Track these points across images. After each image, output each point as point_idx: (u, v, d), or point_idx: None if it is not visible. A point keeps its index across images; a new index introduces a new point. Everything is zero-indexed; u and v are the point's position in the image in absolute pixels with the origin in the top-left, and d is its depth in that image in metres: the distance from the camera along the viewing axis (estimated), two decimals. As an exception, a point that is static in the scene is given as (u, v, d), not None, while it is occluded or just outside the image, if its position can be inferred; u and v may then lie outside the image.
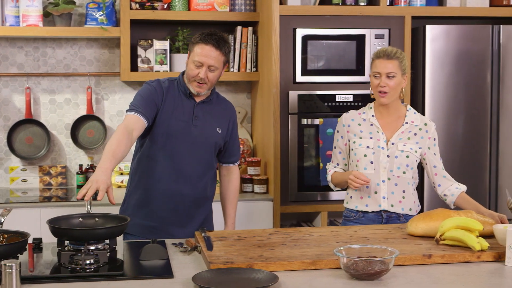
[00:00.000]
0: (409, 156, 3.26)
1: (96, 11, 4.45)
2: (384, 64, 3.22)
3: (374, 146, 3.27)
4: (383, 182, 3.27)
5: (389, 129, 3.31)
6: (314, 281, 2.38)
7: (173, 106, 3.24)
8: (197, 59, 3.17)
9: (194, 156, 3.25)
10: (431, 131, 3.33)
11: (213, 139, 3.30)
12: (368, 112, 3.36)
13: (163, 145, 3.23)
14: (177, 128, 3.22)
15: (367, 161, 3.27)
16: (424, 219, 2.90)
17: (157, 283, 2.35)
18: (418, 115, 3.36)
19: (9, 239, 2.56)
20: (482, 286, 2.34)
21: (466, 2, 4.45)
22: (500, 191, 4.47)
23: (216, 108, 3.34)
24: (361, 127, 3.33)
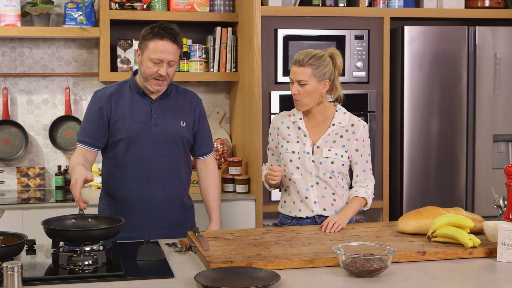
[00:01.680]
0: (334, 162, 3.19)
1: (75, 11, 4.42)
2: (296, 71, 3.13)
3: (300, 151, 3.21)
4: (312, 187, 3.22)
5: (315, 132, 3.24)
6: (314, 278, 2.41)
7: (128, 109, 3.18)
8: (155, 56, 3.08)
9: (160, 156, 3.18)
10: (359, 132, 3.23)
11: (178, 134, 3.22)
12: (297, 114, 3.28)
13: (126, 151, 3.17)
14: (137, 131, 3.16)
15: (294, 167, 3.23)
16: (414, 217, 2.95)
17: (159, 283, 2.35)
18: (347, 115, 3.26)
19: (5, 241, 2.54)
20: (478, 282, 2.40)
21: (443, 3, 4.53)
22: (477, 190, 4.56)
23: (177, 101, 3.26)
24: (289, 130, 3.27)
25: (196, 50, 4.58)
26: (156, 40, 3.09)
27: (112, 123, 3.17)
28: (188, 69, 4.60)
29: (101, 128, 3.18)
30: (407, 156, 4.46)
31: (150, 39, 3.10)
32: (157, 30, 3.11)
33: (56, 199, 4.33)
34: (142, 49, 3.15)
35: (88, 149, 3.20)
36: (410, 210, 4.42)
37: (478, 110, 4.53)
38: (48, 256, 2.71)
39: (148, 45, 3.11)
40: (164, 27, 3.13)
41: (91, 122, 3.19)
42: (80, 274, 2.43)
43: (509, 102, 4.58)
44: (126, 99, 3.20)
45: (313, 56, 3.12)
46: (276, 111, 4.24)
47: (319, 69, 3.12)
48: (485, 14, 4.60)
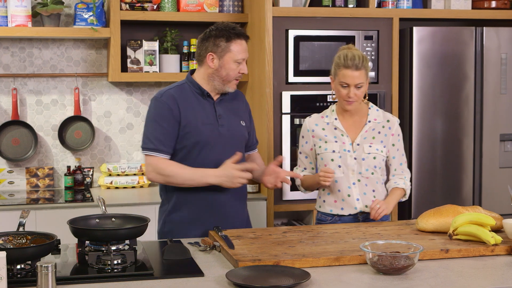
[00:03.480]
0: (376, 157, 3.27)
1: (85, 11, 4.43)
2: (353, 75, 3.17)
3: (340, 150, 3.27)
4: (354, 185, 3.27)
5: (352, 130, 3.30)
6: (343, 276, 2.44)
7: (193, 110, 3.14)
8: (241, 56, 3.11)
9: (229, 157, 3.16)
10: (394, 128, 3.34)
11: (241, 133, 3.25)
12: (330, 115, 3.33)
13: (199, 154, 3.14)
14: (208, 133, 3.14)
15: (335, 165, 3.27)
16: (434, 215, 2.98)
17: (190, 282, 2.37)
18: (380, 112, 3.36)
19: (33, 241, 2.55)
20: (503, 278, 2.43)
21: (451, 4, 4.58)
22: (484, 189, 4.60)
23: (234, 101, 3.27)
24: (325, 131, 3.31)
25: (205, 51, 4.60)
26: (237, 40, 3.11)
27: (183, 127, 3.12)
28: (197, 70, 4.62)
29: (174, 136, 3.12)
30: (415, 155, 4.50)
31: (230, 41, 3.10)
32: (232, 31, 3.12)
33: (65, 199, 4.35)
34: (221, 53, 3.11)
35: (164, 158, 3.13)
36: (418, 209, 4.49)
37: (485, 110, 4.58)
38: (72, 256, 2.72)
39: (229, 47, 3.10)
40: (232, 26, 3.14)
41: (163, 129, 3.10)
42: (110, 273, 2.44)
43: (515, 102, 4.64)
44: (190, 102, 3.16)
45: (364, 57, 3.21)
46: (287, 111, 4.27)
47: (368, 69, 3.23)
48: (492, 15, 4.64)
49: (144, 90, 4.80)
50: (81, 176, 4.63)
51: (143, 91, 4.80)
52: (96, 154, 4.76)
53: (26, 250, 2.39)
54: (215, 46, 3.11)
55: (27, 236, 2.57)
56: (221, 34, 3.10)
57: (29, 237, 2.57)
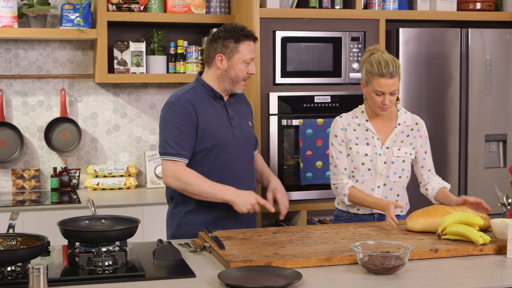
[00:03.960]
0: (405, 161, 3.30)
1: (72, 12, 4.42)
2: (388, 83, 3.16)
3: (371, 154, 3.28)
4: (378, 188, 3.29)
5: (382, 132, 3.32)
6: (334, 276, 2.45)
7: (209, 114, 3.14)
8: (249, 56, 3.14)
9: (244, 158, 3.19)
10: (423, 130, 3.36)
11: (251, 134, 3.29)
12: (361, 116, 3.34)
13: (217, 156, 3.15)
14: (224, 135, 3.15)
15: (365, 169, 3.29)
16: (423, 215, 3.00)
17: (182, 283, 2.38)
18: (409, 114, 3.38)
19: (24, 242, 2.54)
20: (493, 277, 2.46)
21: (436, 6, 4.61)
22: (469, 189, 4.64)
23: (240, 102, 3.31)
24: (356, 132, 3.31)
25: (192, 52, 4.60)
26: (245, 41, 3.13)
27: (200, 130, 3.12)
28: (184, 71, 4.62)
29: (193, 140, 3.12)
30: (402, 156, 4.52)
31: (239, 42, 3.12)
32: (242, 32, 3.14)
33: (51, 201, 4.33)
34: (230, 54, 3.13)
35: (184, 162, 3.12)
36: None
37: (471, 111, 4.61)
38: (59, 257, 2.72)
39: (238, 48, 3.12)
40: (241, 27, 3.17)
41: (183, 133, 3.10)
42: (101, 274, 2.44)
43: (500, 103, 4.67)
44: (205, 104, 3.16)
45: (396, 62, 3.19)
46: (274, 112, 4.27)
47: (400, 72, 3.23)
48: (477, 17, 4.68)
49: (130, 91, 4.79)
50: (68, 178, 4.61)
51: (130, 92, 4.79)
52: (82, 156, 4.74)
53: (18, 252, 2.38)
54: (224, 47, 3.13)
55: (17, 238, 2.56)
56: (230, 35, 3.13)
57: (19, 239, 2.56)
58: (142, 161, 4.82)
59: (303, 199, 4.35)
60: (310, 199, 4.37)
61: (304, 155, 4.28)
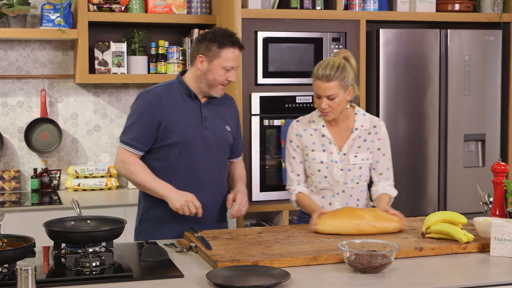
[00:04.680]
0: (362, 167, 3.25)
1: (52, 12, 4.39)
2: (324, 87, 3.10)
3: (327, 161, 3.22)
4: (338, 195, 3.26)
5: (339, 137, 3.25)
6: (321, 275, 2.47)
7: (178, 111, 3.14)
8: (230, 64, 3.10)
9: (211, 160, 3.17)
10: (381, 133, 3.28)
11: (225, 138, 3.24)
12: (317, 121, 3.26)
13: (179, 155, 3.14)
14: (190, 134, 3.14)
15: (321, 176, 3.25)
16: (331, 217, 2.98)
17: (170, 283, 2.38)
18: (367, 117, 3.29)
19: (9, 244, 2.52)
20: (477, 275, 2.49)
21: (416, 7, 4.65)
22: (449, 188, 4.69)
23: (222, 105, 3.27)
24: (313, 138, 3.26)
25: (173, 52, 4.60)
26: (229, 48, 3.10)
27: (164, 126, 3.11)
28: (165, 71, 4.62)
29: (151, 133, 3.12)
30: (382, 156, 4.55)
31: (222, 48, 3.09)
32: (228, 38, 3.11)
33: (32, 202, 4.31)
34: (211, 57, 3.11)
35: (136, 153, 3.15)
36: (385, 208, 4.54)
37: (450, 111, 4.67)
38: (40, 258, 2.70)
39: (220, 53, 3.09)
40: (230, 34, 3.14)
41: (141, 126, 3.12)
42: (89, 275, 2.43)
43: (478, 103, 4.73)
44: (176, 102, 3.16)
45: (337, 68, 3.10)
46: (256, 112, 4.29)
47: (344, 80, 3.11)
48: (456, 18, 4.74)
49: (111, 91, 4.77)
50: (48, 179, 4.58)
51: (111, 93, 4.77)
52: (63, 156, 4.72)
53: (5, 253, 2.36)
54: (207, 50, 3.12)
55: (3, 239, 2.54)
56: (216, 39, 3.11)
57: (5, 240, 2.54)
58: (123, 161, 4.80)
59: (284, 199, 4.35)
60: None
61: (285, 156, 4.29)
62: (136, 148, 3.14)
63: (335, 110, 3.15)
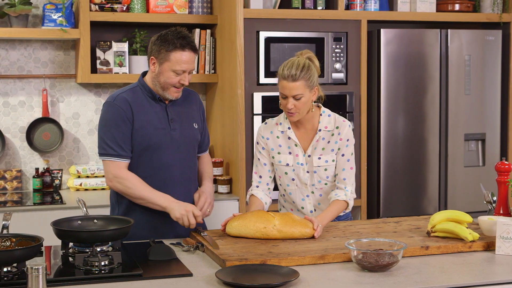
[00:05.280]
0: (327, 169, 3.21)
1: (54, 12, 4.39)
2: (289, 87, 3.06)
3: (293, 163, 3.21)
4: (308, 197, 3.25)
5: (304, 139, 3.22)
6: (329, 274, 2.48)
7: (145, 115, 3.09)
8: (179, 67, 3.02)
9: (182, 161, 3.15)
10: (344, 133, 3.20)
11: (194, 137, 3.20)
12: (284, 123, 3.23)
13: (150, 158, 3.10)
14: (160, 137, 3.10)
15: (289, 179, 3.24)
16: (238, 219, 2.94)
17: (180, 282, 2.39)
18: (332, 117, 3.23)
19: (18, 243, 2.53)
20: (484, 274, 2.51)
21: (416, 7, 4.67)
22: (449, 188, 4.71)
23: (186, 104, 3.20)
24: (279, 140, 3.23)
25: (175, 52, 4.60)
26: (178, 51, 3.02)
27: (135, 131, 3.08)
28: (167, 71, 4.62)
29: (130, 138, 3.08)
30: (383, 155, 4.58)
31: (171, 50, 3.02)
32: (178, 41, 3.02)
33: (34, 201, 4.31)
34: (161, 60, 3.04)
35: (125, 162, 3.09)
36: (386, 207, 4.58)
37: (450, 110, 4.69)
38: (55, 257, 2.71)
39: (169, 56, 3.02)
40: (181, 36, 3.04)
41: (121, 133, 3.06)
42: (98, 274, 2.44)
43: (478, 102, 4.76)
44: (143, 105, 3.11)
45: (302, 68, 3.06)
46: (258, 112, 4.30)
47: (309, 79, 3.08)
48: (456, 18, 4.76)
49: (112, 91, 4.77)
50: (50, 178, 4.59)
51: (112, 92, 4.76)
52: (64, 156, 4.72)
53: (15, 253, 2.37)
54: (157, 52, 3.05)
55: (12, 238, 2.55)
56: (166, 41, 3.03)
57: (13, 239, 2.55)
58: (125, 161, 4.80)
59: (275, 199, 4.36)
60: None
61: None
62: (124, 157, 3.08)
63: (301, 110, 3.11)
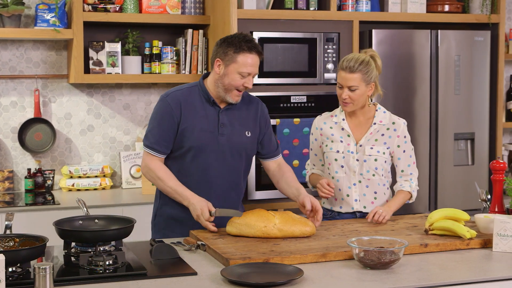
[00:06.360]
0: (377, 160, 3.33)
1: (47, 12, 4.39)
2: (346, 77, 3.24)
3: (344, 151, 3.33)
4: (354, 185, 3.35)
5: (358, 131, 3.37)
6: (332, 271, 2.51)
7: (195, 115, 3.14)
8: (246, 70, 3.06)
9: (224, 167, 3.18)
10: (400, 129, 3.38)
11: (242, 145, 3.21)
12: (339, 115, 3.40)
13: (192, 159, 3.16)
14: (205, 140, 3.14)
15: (338, 165, 3.35)
16: (239, 218, 2.94)
17: (185, 280, 2.41)
18: (387, 114, 3.41)
19: (21, 243, 2.54)
20: (484, 270, 2.55)
21: (407, 8, 4.72)
22: (439, 186, 4.76)
23: (242, 110, 3.24)
24: (332, 130, 3.39)
25: (167, 52, 4.62)
26: (246, 54, 3.07)
27: (181, 130, 3.12)
28: (160, 71, 4.64)
29: (171, 136, 3.14)
30: (375, 155, 4.61)
31: (239, 53, 3.06)
32: (245, 44, 3.07)
33: (26, 202, 4.30)
34: (227, 62, 3.08)
35: (159, 156, 3.16)
36: (378, 206, 4.59)
37: (440, 110, 4.74)
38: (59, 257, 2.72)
39: (236, 58, 3.06)
40: (248, 39, 3.10)
41: (162, 130, 3.14)
42: (103, 274, 2.45)
43: (468, 102, 4.82)
44: (195, 106, 3.15)
45: (362, 62, 3.24)
46: (252, 112, 4.32)
47: (367, 74, 3.25)
48: (446, 19, 4.82)
49: (104, 91, 4.78)
50: (42, 179, 4.58)
51: (104, 93, 4.78)
52: (56, 157, 4.72)
53: (20, 253, 2.38)
54: (224, 54, 3.10)
55: (15, 238, 2.55)
56: (233, 43, 3.08)
57: (17, 239, 2.55)
58: (117, 161, 4.81)
59: (279, 198, 4.40)
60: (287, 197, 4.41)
61: (282, 154, 4.33)
62: (158, 151, 3.16)
63: (355, 102, 3.28)
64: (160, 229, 3.25)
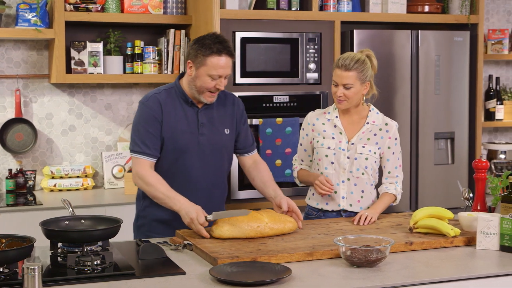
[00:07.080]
0: (368, 158, 3.36)
1: (28, 12, 4.36)
2: (342, 75, 3.28)
3: (335, 147, 3.37)
4: (343, 183, 3.38)
5: (351, 129, 3.40)
6: (319, 270, 2.53)
7: (175, 117, 3.15)
8: (216, 72, 3.06)
9: (206, 166, 3.19)
10: (392, 131, 3.41)
11: (222, 143, 3.24)
12: (332, 112, 3.44)
13: (175, 161, 3.16)
14: (185, 141, 3.15)
15: (328, 162, 3.38)
16: (228, 221, 2.93)
17: (174, 280, 2.42)
18: (380, 115, 3.45)
19: (8, 244, 2.52)
20: (467, 268, 2.59)
21: (388, 8, 4.76)
22: (420, 185, 4.81)
23: (220, 108, 3.26)
24: (325, 126, 3.43)
25: (149, 52, 4.61)
26: (215, 56, 3.05)
27: (163, 132, 3.13)
28: (142, 71, 4.63)
29: (159, 138, 3.13)
30: (356, 154, 4.65)
31: (208, 55, 3.05)
32: (215, 46, 3.05)
33: (7, 203, 4.27)
34: (198, 64, 3.08)
35: (150, 160, 3.13)
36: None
37: (421, 110, 4.79)
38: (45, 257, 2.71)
39: (205, 61, 3.05)
40: (219, 41, 3.08)
41: (149, 133, 3.12)
42: (91, 274, 2.45)
43: (448, 102, 4.87)
44: (174, 108, 3.15)
45: (357, 60, 3.29)
46: (235, 112, 4.33)
47: (362, 72, 3.30)
48: (425, 19, 4.86)
49: (86, 91, 4.76)
50: (23, 179, 4.55)
51: (85, 93, 4.76)
52: (38, 157, 4.69)
53: (8, 253, 2.37)
54: (194, 56, 3.09)
55: (2, 239, 2.54)
56: (204, 45, 3.06)
57: (3, 240, 2.54)
58: (99, 161, 4.80)
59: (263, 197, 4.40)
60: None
61: (264, 154, 4.36)
62: (149, 155, 3.14)
63: (350, 100, 3.32)
64: (144, 231, 3.24)
